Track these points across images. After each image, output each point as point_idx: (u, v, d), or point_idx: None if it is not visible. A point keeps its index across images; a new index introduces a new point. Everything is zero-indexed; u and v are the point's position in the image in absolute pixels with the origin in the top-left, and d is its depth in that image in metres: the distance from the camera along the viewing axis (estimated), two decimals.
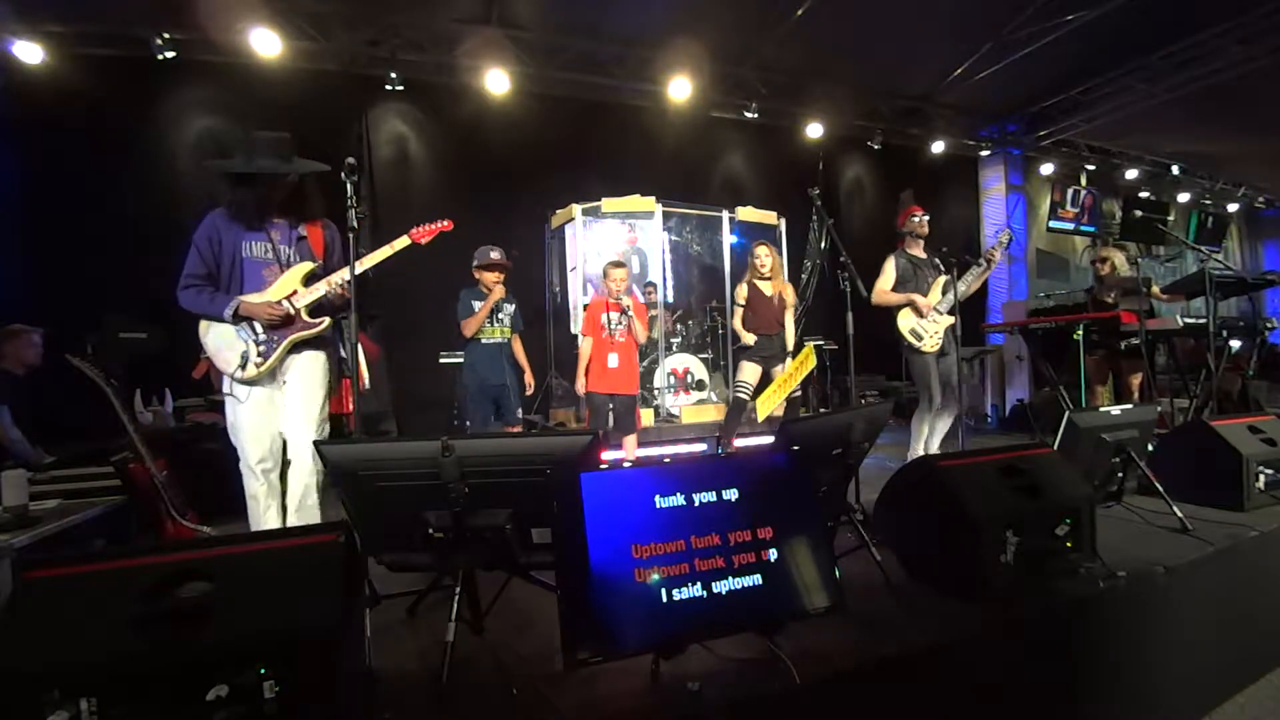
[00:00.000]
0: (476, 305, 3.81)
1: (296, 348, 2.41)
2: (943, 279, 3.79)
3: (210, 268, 2.37)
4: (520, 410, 3.96)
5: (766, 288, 4.27)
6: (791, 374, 4.21)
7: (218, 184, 2.45)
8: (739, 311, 4.34)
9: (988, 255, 3.74)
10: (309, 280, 2.43)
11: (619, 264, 4.03)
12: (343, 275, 2.40)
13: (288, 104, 5.76)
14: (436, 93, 6.60)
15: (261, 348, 2.35)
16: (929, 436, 3.77)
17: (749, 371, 4.24)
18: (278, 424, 2.41)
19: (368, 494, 1.59)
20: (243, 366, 2.33)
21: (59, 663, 1.06)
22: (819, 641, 1.52)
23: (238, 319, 2.33)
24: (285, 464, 2.44)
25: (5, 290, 5.00)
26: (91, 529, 2.60)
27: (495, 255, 3.82)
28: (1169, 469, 2.61)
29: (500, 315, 3.89)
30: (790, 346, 4.37)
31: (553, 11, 6.08)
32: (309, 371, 2.45)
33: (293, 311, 2.38)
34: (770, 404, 4.21)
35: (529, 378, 4.02)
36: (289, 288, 2.40)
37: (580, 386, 3.96)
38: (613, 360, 3.92)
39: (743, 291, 4.31)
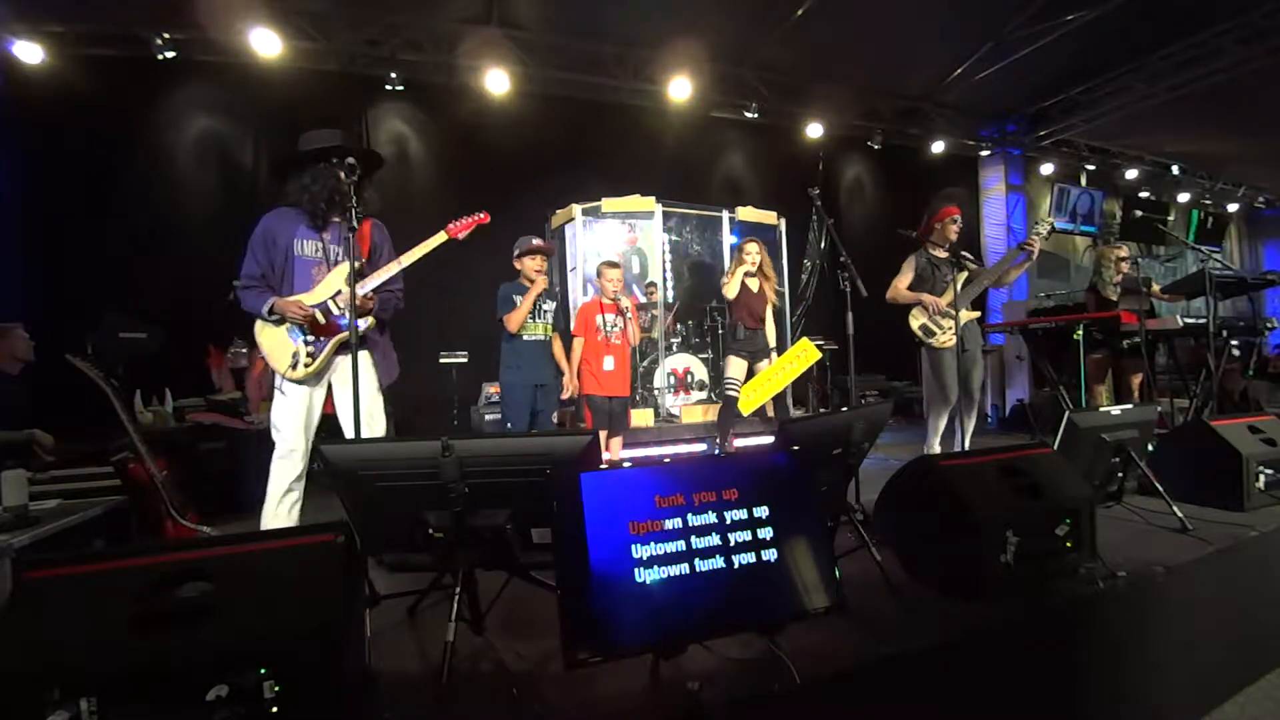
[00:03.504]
0: (518, 299, 3.62)
1: (343, 349, 2.45)
2: (964, 275, 3.77)
3: (264, 268, 2.43)
4: (556, 415, 3.81)
5: (753, 283, 4.26)
6: (784, 368, 4.17)
7: (287, 181, 2.47)
8: (731, 292, 4.29)
9: (1025, 244, 3.70)
10: (350, 280, 2.44)
11: (614, 264, 3.95)
12: (371, 281, 2.43)
13: (288, 104, 5.77)
14: (436, 93, 6.60)
15: (310, 348, 2.42)
16: (960, 437, 3.74)
17: (736, 367, 4.22)
18: (314, 422, 2.47)
19: (368, 494, 1.58)
20: (294, 366, 2.39)
21: (59, 663, 1.06)
22: (819, 641, 1.52)
23: (274, 317, 2.38)
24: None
25: (5, 290, 5.00)
26: (91, 529, 2.60)
27: (537, 241, 3.69)
28: (1169, 469, 2.61)
29: (544, 310, 3.72)
30: (773, 343, 4.36)
31: (553, 11, 6.08)
32: (360, 370, 2.47)
33: (336, 313, 2.41)
34: (758, 398, 4.17)
35: (568, 379, 3.82)
36: (333, 288, 2.44)
37: (572, 388, 3.83)
38: (608, 363, 3.83)
39: (734, 286, 4.27)
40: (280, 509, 2.41)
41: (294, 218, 2.46)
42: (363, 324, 2.44)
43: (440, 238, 2.58)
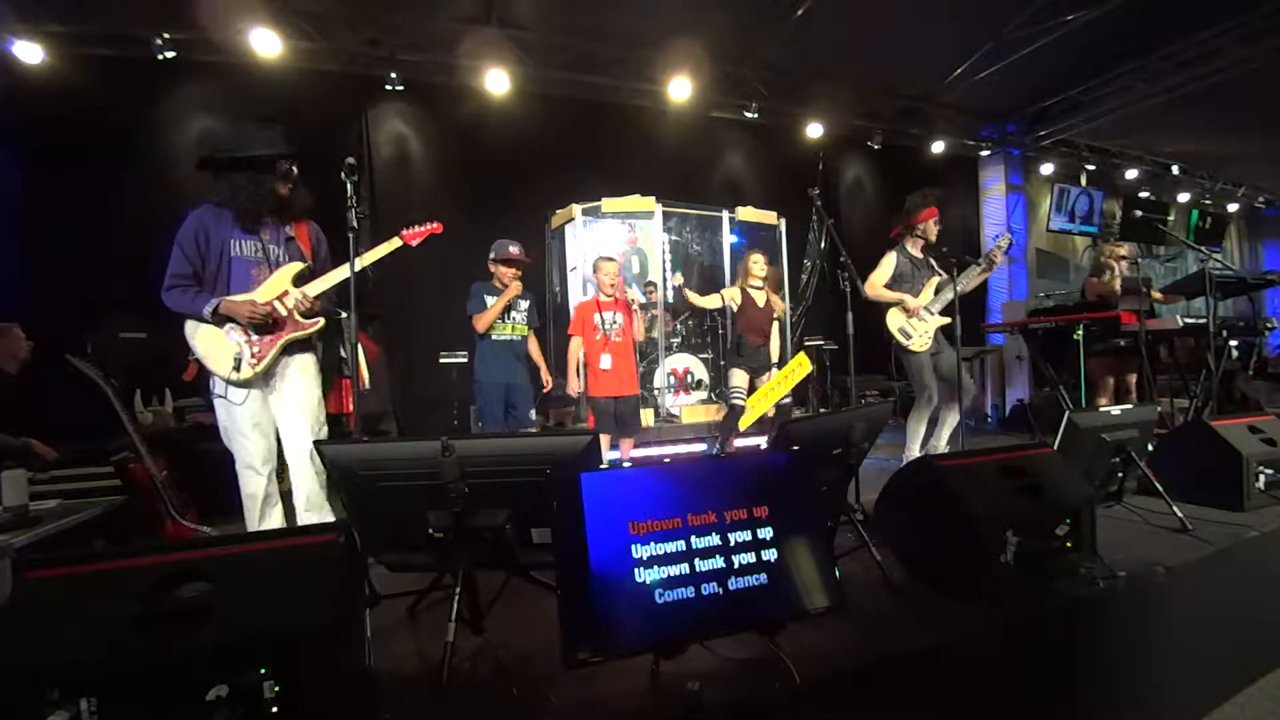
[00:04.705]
0: (489, 300, 3.68)
1: (289, 349, 2.40)
2: (936, 279, 3.80)
3: (195, 266, 2.32)
4: (534, 412, 3.86)
5: (759, 296, 4.28)
6: (782, 380, 4.23)
7: (217, 180, 2.39)
8: (729, 306, 4.35)
9: (989, 257, 3.75)
10: (299, 281, 2.42)
11: (609, 258, 3.94)
12: (322, 284, 2.40)
13: (288, 104, 5.76)
14: (436, 93, 6.60)
15: (255, 349, 2.32)
16: (940, 432, 3.77)
17: (739, 377, 4.26)
18: (272, 423, 2.40)
19: (368, 494, 1.58)
20: (237, 369, 2.29)
21: (59, 663, 1.06)
22: (819, 641, 1.52)
23: (218, 318, 2.28)
24: (283, 466, 2.44)
25: (5, 290, 5.00)
26: (91, 529, 2.60)
27: (514, 250, 3.71)
28: (1169, 469, 2.61)
29: (514, 311, 3.76)
30: (775, 359, 4.39)
31: (553, 11, 6.07)
32: (302, 373, 2.43)
33: (284, 313, 2.36)
34: (757, 411, 4.23)
35: (545, 375, 3.90)
36: (279, 288, 2.38)
37: (573, 388, 3.85)
38: (605, 362, 3.82)
39: (735, 295, 4.32)
40: (264, 516, 2.37)
41: (226, 217, 2.36)
42: (314, 326, 2.42)
43: (395, 243, 2.57)
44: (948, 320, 3.79)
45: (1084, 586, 1.86)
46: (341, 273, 2.40)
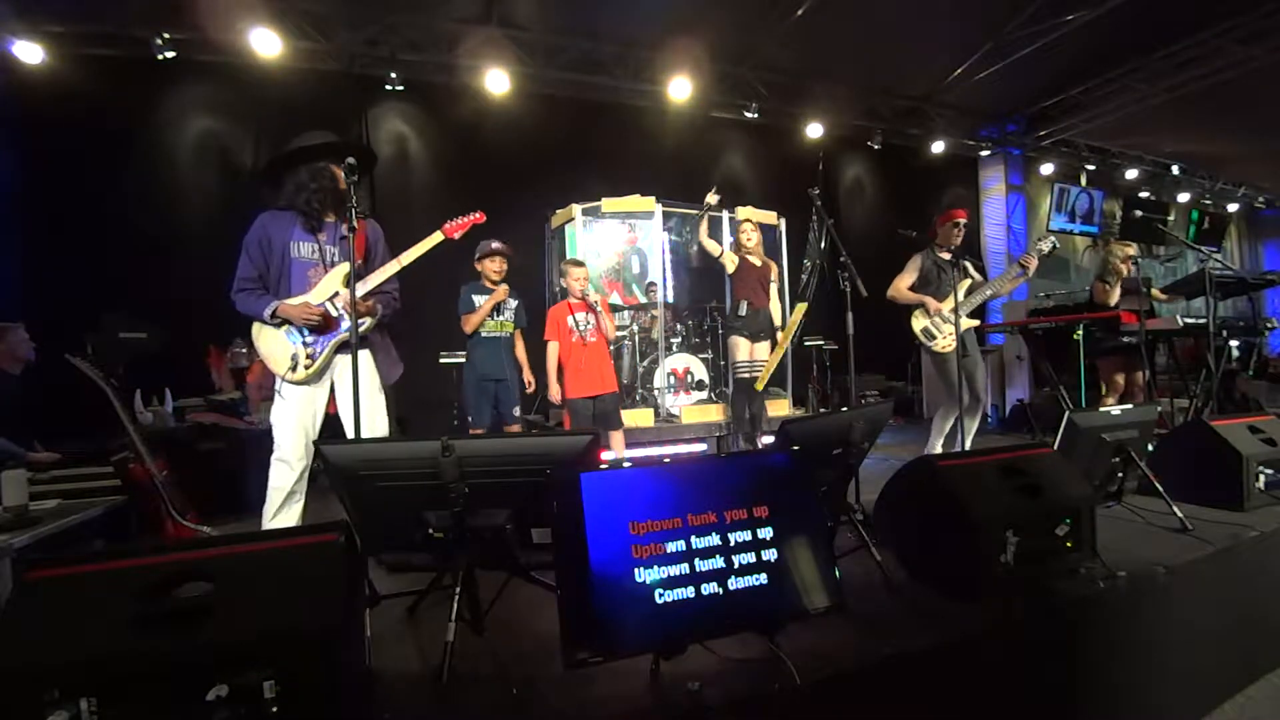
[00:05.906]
0: (477, 300, 3.80)
1: (343, 349, 2.44)
2: (968, 281, 3.78)
3: (260, 270, 2.41)
4: (518, 409, 3.94)
5: (755, 259, 4.32)
6: (786, 335, 4.31)
7: (284, 184, 2.45)
8: (724, 266, 4.42)
9: (1024, 261, 3.72)
10: (350, 281, 2.45)
11: (578, 263, 4.00)
12: (368, 284, 2.43)
13: (288, 104, 5.76)
14: (436, 93, 6.60)
15: (309, 349, 2.41)
16: (962, 439, 3.75)
17: (744, 349, 4.25)
18: (316, 424, 2.46)
19: (368, 494, 1.58)
20: (293, 368, 2.38)
21: (59, 663, 1.06)
22: (819, 641, 1.52)
23: (276, 320, 2.37)
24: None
25: (5, 290, 5.00)
26: (91, 529, 2.60)
27: (496, 245, 3.85)
28: (1169, 469, 2.61)
29: (502, 309, 3.88)
30: (778, 322, 4.41)
31: (553, 11, 6.08)
32: (361, 371, 2.47)
33: (335, 314, 2.41)
34: (767, 374, 4.24)
35: (527, 375, 4.00)
36: (330, 289, 2.43)
37: (554, 393, 3.86)
38: (584, 361, 3.84)
39: (733, 257, 4.34)
40: (282, 509, 2.40)
41: (288, 220, 2.44)
42: (361, 326, 2.43)
43: (437, 238, 2.59)
44: (975, 323, 3.82)
45: (1084, 586, 1.86)
46: (386, 271, 2.46)
